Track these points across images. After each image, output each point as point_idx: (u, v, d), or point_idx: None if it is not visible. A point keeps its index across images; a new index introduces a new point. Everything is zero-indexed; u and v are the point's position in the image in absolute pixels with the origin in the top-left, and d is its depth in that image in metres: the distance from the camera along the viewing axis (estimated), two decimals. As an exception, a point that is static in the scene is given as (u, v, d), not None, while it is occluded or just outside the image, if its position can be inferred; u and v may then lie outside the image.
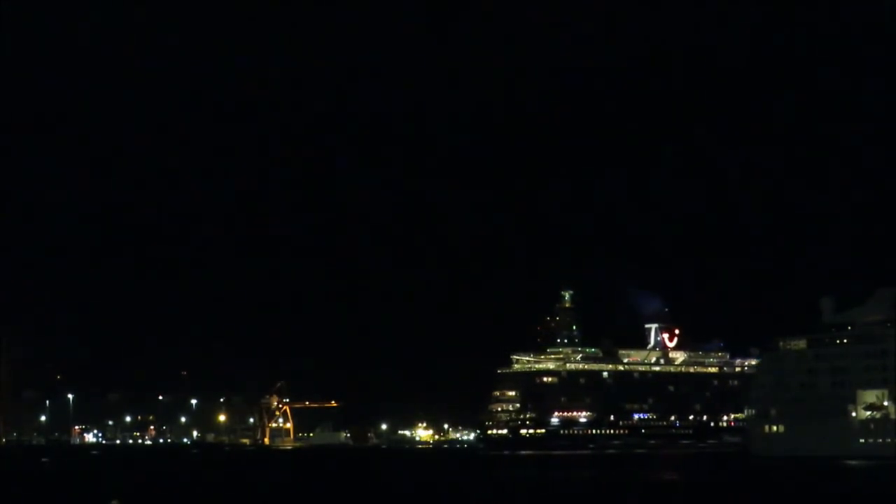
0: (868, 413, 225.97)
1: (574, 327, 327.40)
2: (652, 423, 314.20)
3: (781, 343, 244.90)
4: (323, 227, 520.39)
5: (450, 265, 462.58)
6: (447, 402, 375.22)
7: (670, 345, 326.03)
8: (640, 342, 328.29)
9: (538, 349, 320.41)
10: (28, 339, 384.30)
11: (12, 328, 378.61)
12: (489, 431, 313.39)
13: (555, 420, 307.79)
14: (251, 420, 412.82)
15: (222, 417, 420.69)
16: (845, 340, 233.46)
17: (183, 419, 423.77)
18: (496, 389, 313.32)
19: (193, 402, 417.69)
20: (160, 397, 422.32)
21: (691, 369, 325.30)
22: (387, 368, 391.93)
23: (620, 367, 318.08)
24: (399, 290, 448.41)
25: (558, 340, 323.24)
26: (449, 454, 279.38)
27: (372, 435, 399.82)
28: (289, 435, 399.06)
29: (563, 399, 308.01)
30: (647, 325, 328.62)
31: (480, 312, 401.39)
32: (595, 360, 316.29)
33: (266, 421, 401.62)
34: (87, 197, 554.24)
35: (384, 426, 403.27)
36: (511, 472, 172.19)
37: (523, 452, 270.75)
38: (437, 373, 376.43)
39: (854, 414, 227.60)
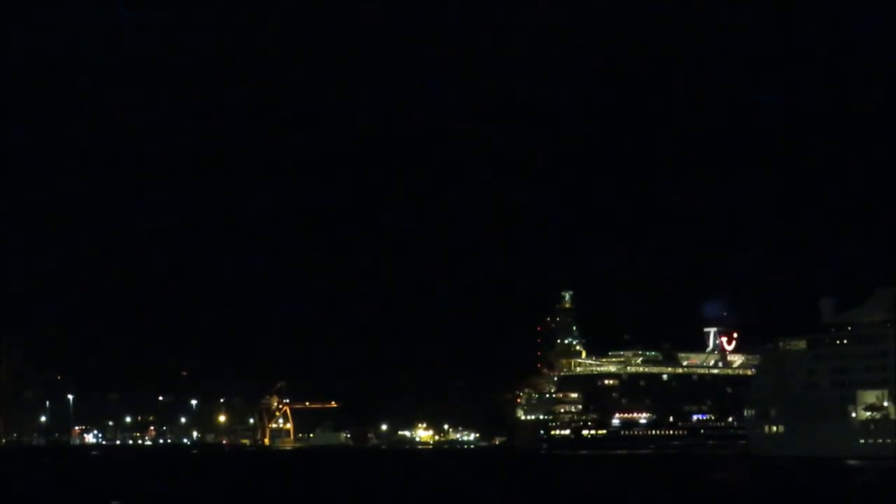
0: (868, 413, 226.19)
1: (574, 328, 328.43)
2: (710, 423, 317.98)
3: (781, 343, 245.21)
4: (323, 227, 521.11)
5: (449, 265, 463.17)
6: (447, 403, 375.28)
7: (728, 348, 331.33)
8: (699, 345, 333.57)
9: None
10: (28, 339, 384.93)
11: (12, 328, 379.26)
12: (553, 432, 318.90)
13: (616, 421, 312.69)
14: (251, 420, 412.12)
15: (222, 418, 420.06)
16: (845, 341, 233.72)
17: (183, 419, 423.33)
18: (560, 391, 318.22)
19: (193, 402, 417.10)
20: (160, 397, 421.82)
21: (748, 371, 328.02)
22: (387, 368, 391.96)
23: (679, 370, 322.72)
24: (399, 290, 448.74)
25: (558, 341, 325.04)
26: (511, 454, 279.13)
27: (372, 435, 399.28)
28: (289, 435, 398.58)
29: (623, 401, 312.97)
30: (705, 329, 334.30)
31: (481, 312, 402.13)
32: (655, 362, 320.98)
33: (266, 421, 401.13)
34: (87, 197, 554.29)
35: (384, 426, 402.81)
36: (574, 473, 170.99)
37: (583, 452, 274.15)
38: (437, 373, 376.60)
39: (854, 414, 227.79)
